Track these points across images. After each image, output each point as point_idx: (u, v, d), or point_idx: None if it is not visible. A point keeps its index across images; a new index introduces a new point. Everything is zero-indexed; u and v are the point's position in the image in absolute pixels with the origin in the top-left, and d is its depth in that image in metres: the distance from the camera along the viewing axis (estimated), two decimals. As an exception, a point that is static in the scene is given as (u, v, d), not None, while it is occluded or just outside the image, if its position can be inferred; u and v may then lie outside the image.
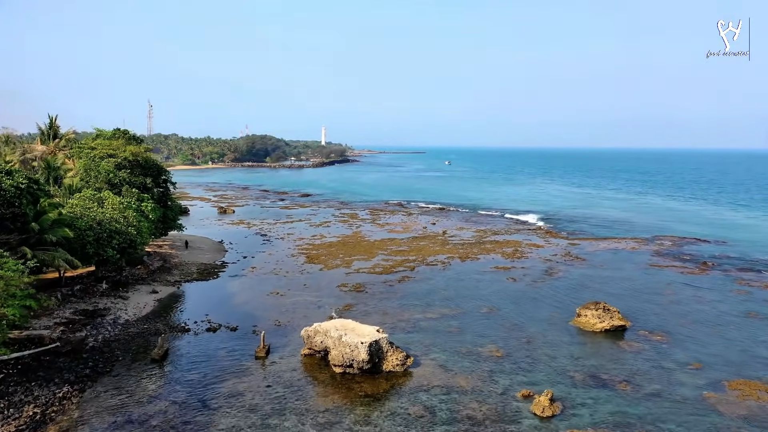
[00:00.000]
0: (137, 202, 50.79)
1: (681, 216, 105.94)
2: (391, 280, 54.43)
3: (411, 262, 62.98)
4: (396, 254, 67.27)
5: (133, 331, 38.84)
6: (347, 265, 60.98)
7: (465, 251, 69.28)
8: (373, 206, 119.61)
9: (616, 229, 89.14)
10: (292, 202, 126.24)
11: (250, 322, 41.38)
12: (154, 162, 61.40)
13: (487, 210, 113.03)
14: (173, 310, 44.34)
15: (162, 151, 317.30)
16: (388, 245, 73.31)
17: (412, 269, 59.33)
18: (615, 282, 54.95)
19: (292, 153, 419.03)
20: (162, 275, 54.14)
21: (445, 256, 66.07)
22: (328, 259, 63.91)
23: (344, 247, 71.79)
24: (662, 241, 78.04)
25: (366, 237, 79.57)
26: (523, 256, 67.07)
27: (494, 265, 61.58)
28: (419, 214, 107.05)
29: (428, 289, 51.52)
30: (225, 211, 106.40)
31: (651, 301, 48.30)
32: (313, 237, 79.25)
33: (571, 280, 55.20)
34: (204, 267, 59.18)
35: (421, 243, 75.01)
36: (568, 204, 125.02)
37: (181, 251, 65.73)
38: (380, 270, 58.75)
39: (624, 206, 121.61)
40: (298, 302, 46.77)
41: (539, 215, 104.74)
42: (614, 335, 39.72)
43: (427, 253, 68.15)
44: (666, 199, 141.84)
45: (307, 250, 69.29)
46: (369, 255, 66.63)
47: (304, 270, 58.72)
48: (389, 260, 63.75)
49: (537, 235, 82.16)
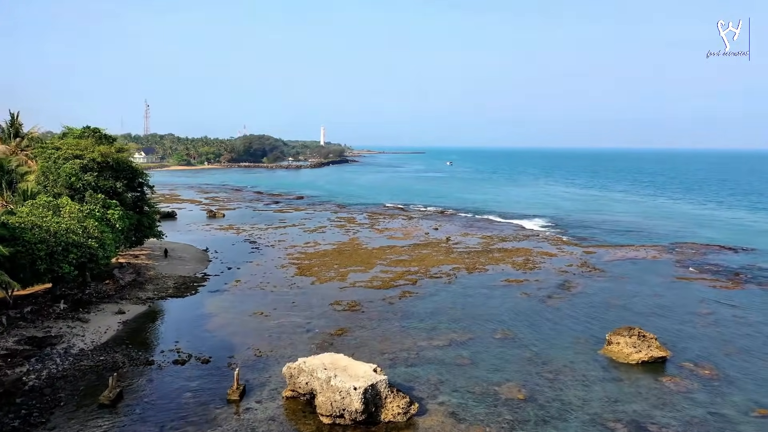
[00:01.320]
0: (102, 209, 44.73)
1: (698, 220, 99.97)
2: (391, 297, 48.44)
3: (413, 274, 57.00)
4: (396, 264, 61.28)
5: (86, 365, 32.79)
6: (342, 278, 54.98)
7: (471, 261, 63.29)
8: (371, 209, 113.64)
9: (631, 235, 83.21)
10: (286, 205, 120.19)
11: (226, 352, 35.38)
12: (128, 163, 55.33)
13: (492, 213, 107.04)
14: (139, 336, 38.29)
15: (157, 151, 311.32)
16: (388, 254, 67.32)
17: (413, 283, 53.35)
18: (641, 299, 48.97)
19: (291, 153, 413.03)
20: (133, 291, 48.08)
21: (450, 267, 60.09)
22: (322, 271, 57.90)
23: (339, 256, 65.77)
24: (683, 249, 72.11)
25: (363, 244, 73.57)
26: (535, 266, 61.09)
27: (505, 278, 55.60)
28: (420, 218, 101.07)
29: (433, 307, 45.54)
30: (214, 215, 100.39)
31: (687, 323, 42.32)
32: (307, 244, 73.22)
33: (592, 296, 49.21)
34: (182, 280, 53.13)
35: (423, 251, 69.02)
36: (576, 207, 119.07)
37: (160, 262, 59.70)
38: (379, 284, 52.76)
39: (635, 209, 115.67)
40: (285, 325, 40.73)
41: (548, 219, 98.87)
42: (653, 368, 33.75)
43: (429, 263, 62.16)
44: (678, 201, 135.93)
45: (298, 260, 63.27)
46: (366, 266, 60.63)
47: (294, 284, 52.70)
48: (389, 272, 57.77)
49: (548, 242, 76.18)
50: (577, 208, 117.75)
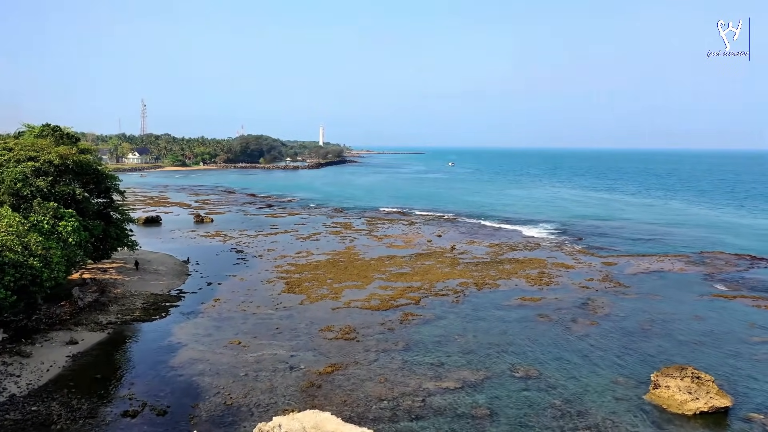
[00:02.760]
0: (53, 220, 38.23)
1: (721, 226, 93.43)
2: (391, 320, 41.97)
3: (415, 290, 50.54)
4: (397, 278, 54.82)
5: (11, 420, 26.32)
6: (335, 296, 48.50)
7: (481, 274, 56.83)
8: (370, 214, 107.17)
9: (651, 243, 76.73)
10: (279, 209, 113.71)
11: (190, 398, 28.92)
12: (93, 166, 48.83)
13: (499, 218, 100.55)
14: (87, 375, 31.80)
15: (151, 151, 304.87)
16: (387, 265, 60.86)
17: (416, 302, 46.88)
18: (679, 322, 42.50)
19: (289, 153, 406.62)
20: (92, 314, 41.60)
21: (457, 282, 53.64)
22: (313, 287, 51.41)
23: (334, 268, 59.29)
24: (713, 259, 65.62)
25: (361, 254, 67.09)
26: (551, 281, 54.64)
27: (519, 295, 49.17)
28: (422, 223, 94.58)
29: (440, 334, 39.09)
30: (202, 220, 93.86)
31: (740, 356, 35.83)
32: (298, 254, 66.72)
33: (623, 320, 42.73)
34: (153, 299, 46.64)
35: (427, 262, 62.56)
36: (588, 211, 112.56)
37: (131, 276, 53.22)
38: (377, 303, 46.28)
39: (650, 214, 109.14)
40: (264, 359, 34.26)
41: (558, 224, 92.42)
42: (715, 421, 27.31)
43: (434, 277, 55.70)
44: (694, 204, 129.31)
45: (287, 274, 56.80)
46: (363, 280, 54.16)
47: (280, 303, 46.22)
48: (388, 288, 51.29)
49: (563, 252, 69.70)
50: (588, 212, 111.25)
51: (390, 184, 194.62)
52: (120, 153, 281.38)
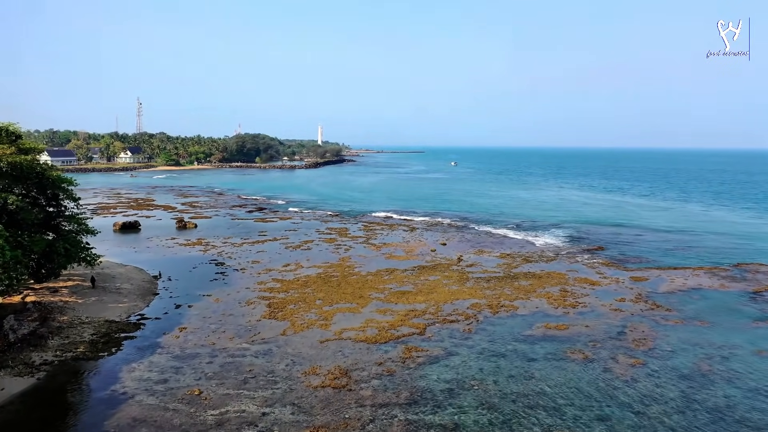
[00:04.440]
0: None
1: (750, 232, 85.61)
2: (391, 358, 34.36)
3: (420, 314, 42.93)
4: (397, 299, 47.20)
5: None
6: (325, 323, 40.86)
7: (494, 293, 49.23)
8: (368, 218, 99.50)
9: (677, 252, 69.08)
10: (271, 212, 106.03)
11: (119, 487, 21.28)
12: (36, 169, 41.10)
13: (507, 223, 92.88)
14: (-9, 447, 24.22)
15: (144, 150, 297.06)
16: (386, 281, 53.27)
17: (421, 331, 39.25)
18: (741, 359, 34.85)
19: (286, 153, 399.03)
20: (24, 352, 33.95)
21: (468, 303, 46.03)
22: (299, 311, 43.77)
23: (325, 285, 51.67)
24: (754, 273, 58.02)
25: (356, 267, 59.47)
26: (577, 301, 47.03)
27: (542, 321, 41.58)
28: (424, 229, 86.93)
29: (452, 378, 31.49)
30: (184, 226, 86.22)
31: (834, 411, 28.24)
32: (286, 267, 59.09)
33: (672, 356, 35.12)
34: (107, 329, 38.99)
35: (431, 278, 54.96)
36: (602, 215, 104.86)
37: (86, 297, 45.54)
38: (374, 334, 38.63)
39: (670, 218, 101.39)
40: (229, 419, 26.64)
41: (573, 230, 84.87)
42: None
43: (441, 296, 48.08)
44: (713, 207, 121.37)
45: (271, 293, 49.17)
46: (359, 301, 46.52)
47: (259, 334, 38.58)
48: (388, 311, 43.66)
49: (583, 264, 62.10)
50: (603, 216, 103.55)
51: (389, 184, 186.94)
52: (111, 152, 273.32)
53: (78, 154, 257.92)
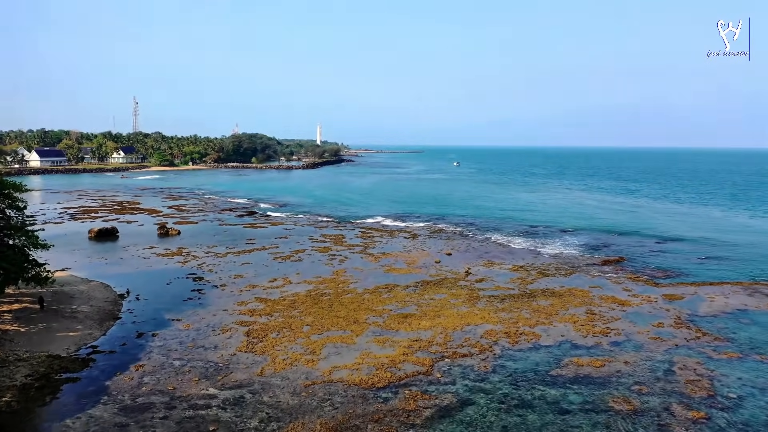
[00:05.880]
0: None
1: (779, 240, 78.95)
2: (392, 410, 27.58)
3: (425, 346, 36.18)
4: (399, 324, 40.44)
5: None
6: (312, 358, 34.08)
7: (511, 317, 42.46)
8: (365, 223, 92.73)
9: (710, 264, 62.30)
10: (262, 217, 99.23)
11: None
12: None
13: (516, 230, 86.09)
14: None
15: (138, 150, 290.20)
16: (386, 301, 46.52)
17: (427, 370, 32.46)
18: (826, 410, 28.14)
19: (284, 152, 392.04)
20: (-68, 404, 27.12)
21: (482, 330, 39.28)
22: (282, 341, 37.00)
23: (315, 306, 44.88)
24: (802, 289, 51.31)
25: (352, 282, 52.73)
26: (609, 328, 40.25)
27: (572, 355, 34.86)
28: (427, 236, 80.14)
29: (468, 442, 24.71)
30: (167, 233, 79.38)
31: None
32: (272, 283, 52.32)
33: (739, 406, 28.35)
34: (47, 367, 32.17)
35: (437, 296, 48.21)
36: (616, 220, 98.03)
37: (33, 324, 38.70)
38: (371, 375, 31.82)
39: (691, 224, 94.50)
40: None
41: (588, 237, 78.26)
42: None
43: (449, 321, 41.30)
44: (734, 211, 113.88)
45: (252, 316, 42.38)
46: (354, 328, 39.74)
47: (230, 375, 31.79)
48: (387, 342, 36.90)
49: (606, 278, 55.37)
50: (617, 221, 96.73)
51: (389, 186, 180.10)
52: (103, 152, 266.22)
53: (68, 155, 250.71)
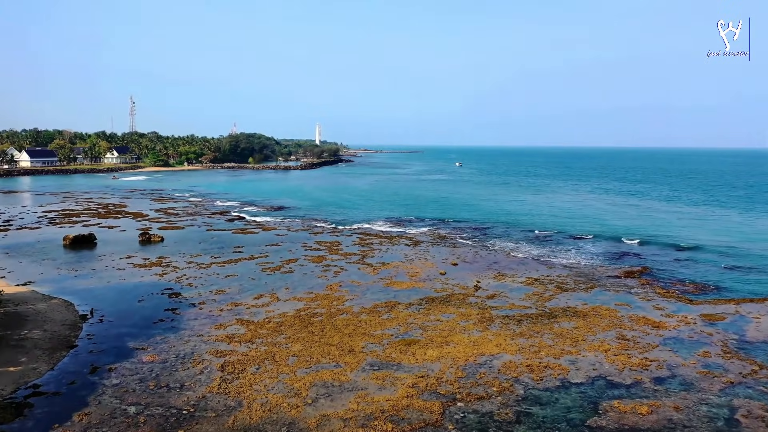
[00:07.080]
0: None
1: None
2: (393, 481, 21.56)
3: (433, 384, 30.19)
4: (401, 354, 34.47)
5: None
6: (297, 403, 28.05)
7: (531, 344, 36.50)
8: (364, 228, 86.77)
9: (744, 277, 56.34)
10: (251, 220, 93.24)
11: None
12: None
13: (525, 237, 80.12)
14: None
15: (132, 150, 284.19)
16: (386, 323, 40.56)
17: (437, 420, 26.49)
18: None
19: (282, 152, 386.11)
20: None
21: (499, 363, 33.31)
22: (262, 378, 31.00)
23: (304, 330, 38.90)
24: None
25: (347, 299, 46.76)
26: (647, 358, 34.31)
27: (610, 398, 28.87)
28: (430, 243, 74.17)
29: None
30: (149, 239, 73.37)
31: None
32: (257, 300, 46.35)
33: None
34: (-31, 417, 26.18)
35: (444, 316, 42.26)
36: (630, 225, 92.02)
37: (-33, 357, 32.70)
38: (367, 425, 25.84)
39: (711, 229, 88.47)
40: None
41: (606, 246, 72.42)
42: None
43: (460, 350, 35.33)
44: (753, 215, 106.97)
45: (231, 344, 36.39)
46: (348, 359, 33.76)
47: (195, 423, 25.78)
48: (387, 380, 30.91)
49: (633, 294, 49.38)
50: (632, 226, 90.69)
51: (389, 187, 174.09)
52: (96, 152, 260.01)
53: (60, 155, 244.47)
